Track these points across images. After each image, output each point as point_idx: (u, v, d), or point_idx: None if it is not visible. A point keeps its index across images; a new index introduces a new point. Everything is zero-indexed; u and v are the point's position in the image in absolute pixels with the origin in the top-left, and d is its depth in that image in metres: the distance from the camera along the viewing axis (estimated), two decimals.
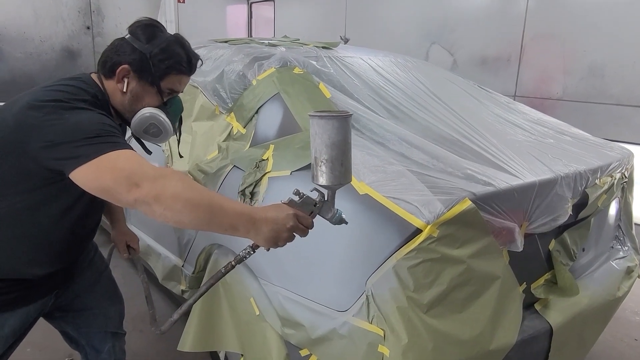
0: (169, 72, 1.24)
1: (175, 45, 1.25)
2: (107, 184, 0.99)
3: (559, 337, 1.43)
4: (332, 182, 1.06)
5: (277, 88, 1.71)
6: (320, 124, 1.04)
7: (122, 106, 1.24)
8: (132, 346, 2.25)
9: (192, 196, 0.99)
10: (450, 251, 1.18)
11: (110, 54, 1.22)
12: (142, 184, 0.97)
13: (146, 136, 1.29)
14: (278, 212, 1.05)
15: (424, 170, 1.31)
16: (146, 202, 0.97)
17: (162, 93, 1.25)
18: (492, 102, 2.11)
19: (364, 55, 2.10)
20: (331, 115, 1.04)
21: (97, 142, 1.02)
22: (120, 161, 1.01)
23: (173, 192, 0.97)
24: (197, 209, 0.99)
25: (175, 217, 0.99)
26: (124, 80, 1.21)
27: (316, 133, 1.05)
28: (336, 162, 1.04)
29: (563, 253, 1.55)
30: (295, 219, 1.05)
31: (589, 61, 3.58)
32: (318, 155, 1.05)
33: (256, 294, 1.55)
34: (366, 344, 1.19)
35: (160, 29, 1.26)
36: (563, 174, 1.44)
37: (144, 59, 1.20)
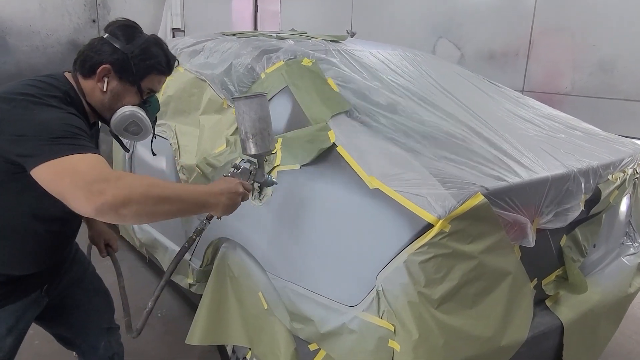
0: (149, 72, 1.26)
1: (155, 47, 1.27)
2: (64, 189, 0.97)
3: (571, 333, 1.42)
4: (262, 150, 1.31)
5: (285, 81, 1.70)
6: (246, 104, 1.27)
7: (101, 104, 1.25)
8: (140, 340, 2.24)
9: (160, 190, 1.03)
10: (462, 246, 1.17)
11: (89, 53, 1.22)
12: (104, 191, 0.95)
13: (126, 134, 1.30)
14: (227, 183, 1.21)
15: (436, 164, 1.30)
16: (113, 209, 0.96)
17: (141, 92, 1.28)
18: (503, 97, 2.09)
19: (372, 48, 2.09)
20: (253, 95, 1.28)
21: (61, 142, 1.01)
22: (81, 165, 0.99)
23: (141, 191, 0.99)
24: (168, 200, 1.04)
25: (149, 215, 1.02)
26: (104, 79, 1.22)
27: (244, 112, 1.28)
28: (264, 134, 1.29)
29: (574, 249, 1.54)
30: (241, 185, 1.23)
31: (598, 56, 3.54)
32: (247, 130, 1.28)
33: (264, 288, 1.55)
34: (376, 339, 1.19)
35: (138, 29, 1.28)
36: (576, 169, 1.42)
37: (125, 59, 1.22)
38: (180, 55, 2.31)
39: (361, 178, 1.30)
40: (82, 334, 1.56)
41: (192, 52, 2.26)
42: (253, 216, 1.54)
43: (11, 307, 1.24)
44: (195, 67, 2.16)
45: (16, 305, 1.26)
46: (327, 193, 1.37)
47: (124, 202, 0.96)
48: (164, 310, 2.53)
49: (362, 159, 1.34)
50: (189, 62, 2.22)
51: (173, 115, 2.18)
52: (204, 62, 2.14)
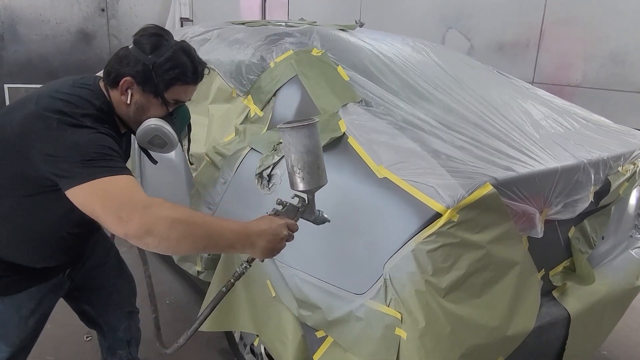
0: (174, 83, 1.22)
1: (180, 55, 1.22)
2: (97, 212, 1.00)
3: (577, 324, 1.42)
4: (311, 186, 1.13)
5: (295, 70, 1.70)
6: (292, 134, 1.09)
7: (127, 117, 1.24)
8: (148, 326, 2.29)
9: (188, 224, 1.00)
10: (470, 236, 1.17)
11: (114, 65, 1.20)
12: (131, 217, 0.96)
13: (151, 147, 1.28)
14: (270, 224, 1.10)
15: (444, 154, 1.30)
16: (137, 237, 0.97)
17: (167, 104, 1.24)
18: (513, 88, 2.07)
19: (382, 38, 2.08)
20: (301, 124, 1.09)
21: (93, 165, 1.02)
22: (111, 188, 1.01)
23: (166, 223, 0.97)
24: (195, 235, 1.01)
25: (171, 247, 1.01)
26: (128, 92, 1.19)
27: (289, 143, 1.10)
28: (313, 167, 1.11)
29: (582, 241, 1.53)
30: (286, 228, 1.12)
31: (610, 47, 3.49)
32: (294, 163, 1.11)
33: (272, 276, 1.56)
34: (383, 327, 1.20)
35: (165, 37, 1.22)
36: (586, 160, 1.42)
37: (146, 70, 1.18)
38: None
39: (370, 167, 1.30)
40: (104, 314, 1.59)
41: (201, 40, 2.26)
42: (262, 204, 1.55)
43: (32, 289, 1.27)
44: (204, 56, 2.16)
45: (37, 288, 1.28)
46: (336, 182, 1.37)
47: (147, 231, 0.96)
48: (172, 297, 2.56)
49: (371, 149, 1.34)
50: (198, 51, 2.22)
51: None
52: (213, 51, 2.14)
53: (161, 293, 2.59)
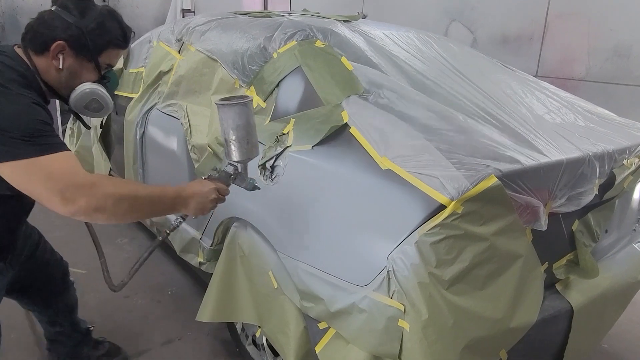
0: (106, 47, 1.23)
1: (110, 20, 1.23)
2: (39, 192, 1.01)
3: (580, 317, 1.42)
4: (242, 157, 1.28)
5: (298, 61, 1.68)
6: (225, 111, 1.23)
7: (57, 83, 1.21)
8: (150, 317, 2.30)
9: (132, 198, 1.09)
10: (474, 228, 1.17)
11: (40, 29, 1.16)
12: (77, 198, 1.00)
13: (86, 111, 1.28)
14: (201, 187, 1.24)
15: (449, 146, 1.29)
16: (85, 215, 1.03)
17: (99, 68, 1.24)
18: (517, 80, 2.06)
19: (386, 29, 2.06)
20: (233, 102, 1.22)
21: (32, 142, 1.01)
22: (52, 168, 1.01)
23: (113, 200, 1.04)
24: (139, 207, 1.11)
25: (119, 220, 1.09)
26: (59, 56, 1.17)
27: (222, 118, 1.24)
28: (242, 142, 1.26)
29: (586, 234, 1.53)
30: (216, 191, 1.27)
31: (615, 41, 3.47)
32: (227, 136, 1.25)
33: (275, 268, 1.56)
34: (386, 319, 1.19)
35: (91, 1, 1.22)
36: (591, 153, 1.41)
37: (80, 34, 1.16)
38: (192, 34, 2.30)
39: (373, 159, 1.30)
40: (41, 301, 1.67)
41: (203, 31, 2.24)
42: (264, 196, 1.55)
43: None
44: (207, 46, 2.15)
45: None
46: (339, 173, 1.37)
47: (96, 209, 1.03)
48: (174, 288, 2.56)
49: (374, 140, 1.34)
50: (200, 42, 2.21)
51: (184, 95, 2.17)
52: (215, 42, 2.13)
53: (163, 284, 2.60)
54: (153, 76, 2.38)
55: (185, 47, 2.31)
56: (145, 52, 2.63)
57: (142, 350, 2.07)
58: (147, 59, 2.54)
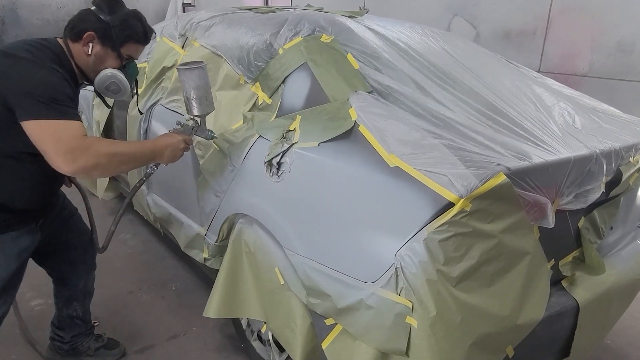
0: (128, 40, 1.48)
1: (134, 19, 1.49)
2: (47, 150, 1.24)
3: (586, 314, 1.43)
4: (202, 112, 1.59)
5: (304, 57, 1.68)
6: (187, 74, 1.54)
7: (86, 66, 1.46)
8: (154, 312, 2.31)
9: (121, 154, 1.37)
10: (482, 225, 1.17)
11: (77, 22, 1.44)
12: (77, 158, 1.24)
13: (107, 92, 1.51)
14: (172, 139, 1.53)
15: (457, 143, 1.29)
16: (84, 172, 1.28)
17: (121, 57, 1.48)
18: (522, 77, 2.06)
19: (391, 25, 2.05)
20: (193, 67, 1.53)
21: (53, 106, 1.25)
22: (64, 132, 1.25)
23: (106, 158, 1.31)
24: (127, 161, 1.41)
25: (111, 173, 1.41)
26: (89, 44, 1.43)
27: (184, 80, 1.54)
28: (202, 99, 1.56)
29: (592, 231, 1.53)
30: (183, 141, 1.56)
31: (618, 36, 3.45)
32: (189, 95, 1.56)
33: (281, 264, 1.56)
34: (394, 315, 1.20)
35: (121, 3, 1.49)
36: (598, 150, 1.41)
37: (107, 27, 1.43)
38: (195, 30, 2.29)
39: (381, 156, 1.30)
40: (68, 268, 1.79)
41: (207, 26, 2.23)
42: (271, 192, 1.55)
43: (12, 233, 1.45)
44: (211, 42, 2.14)
45: (16, 232, 1.46)
46: (346, 170, 1.37)
47: (93, 167, 1.28)
48: (179, 284, 2.57)
49: (382, 137, 1.33)
50: (205, 37, 2.20)
51: None
52: (220, 37, 2.12)
53: (167, 279, 2.61)
54: (156, 72, 2.38)
55: (189, 42, 2.30)
56: (149, 47, 2.61)
57: (147, 346, 2.07)
58: (151, 54, 2.53)
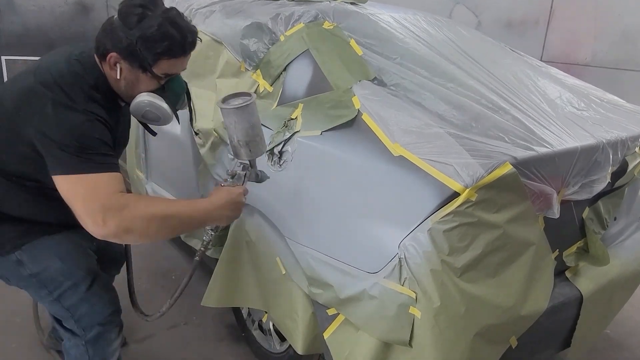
0: (160, 57, 1.18)
1: (166, 27, 1.15)
2: (76, 209, 1.08)
3: (589, 304, 1.42)
4: (254, 157, 1.29)
5: (306, 44, 1.65)
6: (231, 114, 1.19)
7: (119, 91, 1.24)
8: (154, 301, 2.30)
9: (162, 217, 1.11)
10: (488, 216, 1.16)
11: (101, 38, 1.18)
12: (108, 221, 1.04)
13: (146, 120, 1.30)
14: (229, 195, 1.24)
15: (462, 132, 1.27)
16: (116, 237, 1.07)
17: (157, 78, 1.21)
18: (527, 66, 2.03)
19: (394, 12, 2.02)
20: (238, 105, 1.18)
21: (82, 158, 1.08)
22: (94, 188, 1.07)
23: (143, 221, 1.08)
24: (170, 226, 1.13)
25: (150, 239, 1.14)
26: (116, 66, 1.18)
27: (229, 122, 1.21)
28: (257, 139, 1.25)
29: (596, 221, 1.52)
30: (242, 195, 1.27)
31: (622, 25, 3.43)
32: (236, 139, 1.23)
33: (282, 254, 1.55)
34: (397, 306, 1.19)
35: (149, 8, 1.14)
36: (605, 140, 1.39)
37: (131, 46, 1.14)
38: (195, 16, 2.25)
39: (385, 145, 1.28)
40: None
41: (207, 12, 2.19)
42: (272, 182, 1.53)
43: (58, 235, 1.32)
44: (211, 28, 2.10)
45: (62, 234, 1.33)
46: (349, 159, 1.35)
47: (125, 231, 1.07)
48: (178, 273, 2.56)
49: (386, 126, 1.31)
50: (204, 24, 2.16)
51: (188, 78, 2.11)
52: (220, 24, 2.08)
53: (167, 269, 2.60)
54: None
55: None
56: None
57: (148, 335, 2.07)
58: None
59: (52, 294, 1.31)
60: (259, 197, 1.62)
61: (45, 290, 1.31)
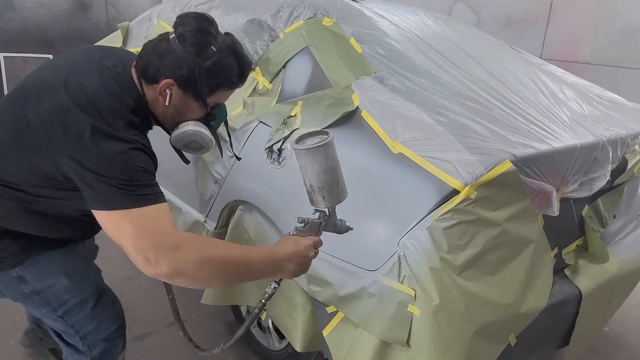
0: (218, 88, 1.15)
1: (228, 57, 1.12)
2: (125, 247, 0.99)
3: (588, 302, 1.42)
4: (332, 204, 1.08)
5: (305, 42, 1.64)
6: (308, 155, 1.03)
7: (163, 116, 1.17)
8: (153, 299, 2.30)
9: (217, 262, 1.00)
10: (487, 213, 1.16)
11: (153, 60, 1.09)
12: (159, 261, 0.95)
13: (186, 149, 1.25)
14: (296, 246, 1.07)
15: (462, 129, 1.27)
16: (167, 278, 0.98)
17: (207, 106, 1.18)
18: (527, 64, 2.03)
19: (393, 8, 2.01)
20: (315, 145, 1.02)
21: (127, 191, 0.99)
22: (140, 224, 0.98)
23: (195, 262, 0.97)
24: (224, 273, 1.02)
25: (203, 284, 1.05)
26: (166, 92, 1.11)
27: (306, 164, 1.04)
28: (332, 186, 1.06)
29: (595, 219, 1.52)
30: (312, 247, 1.10)
31: (622, 23, 3.42)
32: (313, 183, 1.06)
33: None
34: (396, 303, 1.19)
35: (212, 34, 1.10)
36: (605, 138, 1.39)
37: (191, 75, 1.08)
38: None
39: (384, 142, 1.28)
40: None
41: (206, 9, 2.19)
42: (271, 179, 1.53)
43: (62, 249, 1.27)
44: None
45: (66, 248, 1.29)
46: (349, 157, 1.34)
47: (178, 274, 0.97)
48: None
49: (385, 123, 1.31)
50: None
51: None
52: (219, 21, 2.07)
53: None
54: None
55: None
56: (145, 30, 2.57)
57: (147, 332, 2.07)
58: (148, 37, 2.48)
59: (56, 312, 1.25)
60: (258, 194, 1.61)
61: (49, 307, 1.24)
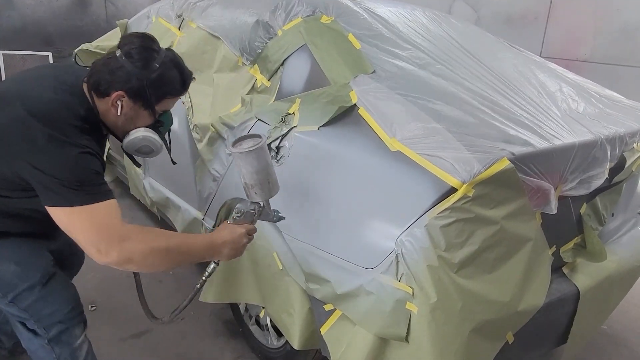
0: (165, 97, 1.28)
1: (171, 69, 1.26)
2: (78, 239, 1.11)
3: (586, 300, 1.42)
4: (263, 198, 1.28)
5: (304, 39, 1.64)
6: (242, 157, 1.21)
7: (114, 125, 1.28)
8: (152, 296, 2.30)
9: (161, 248, 1.15)
10: (485, 211, 1.15)
11: (104, 75, 1.21)
12: (109, 251, 1.09)
13: (137, 154, 1.35)
14: (231, 234, 1.25)
15: (460, 127, 1.27)
16: (117, 265, 1.11)
17: (155, 114, 1.30)
18: (526, 61, 2.02)
19: (392, 6, 2.01)
20: (248, 149, 1.19)
21: (78, 190, 1.10)
22: (92, 219, 1.11)
23: (142, 252, 1.13)
24: (169, 259, 1.17)
25: (150, 269, 1.18)
26: (118, 103, 1.22)
27: (241, 165, 1.22)
28: (264, 183, 1.24)
29: (593, 217, 1.52)
30: (246, 234, 1.28)
31: (622, 21, 3.42)
32: (247, 181, 1.24)
33: (279, 249, 1.55)
34: (394, 301, 1.19)
35: (155, 49, 1.24)
36: (603, 136, 1.39)
37: (140, 86, 1.21)
38: (192, 10, 2.24)
39: (382, 140, 1.27)
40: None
41: (205, 6, 2.18)
42: None
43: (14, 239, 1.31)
44: (208, 23, 2.09)
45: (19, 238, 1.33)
46: (347, 155, 1.34)
47: (127, 261, 1.12)
48: (176, 269, 2.55)
49: (383, 121, 1.31)
50: (202, 18, 2.16)
51: None
52: (217, 18, 2.07)
53: None
54: None
55: (185, 23, 2.26)
56: (144, 28, 2.57)
57: (145, 330, 2.07)
58: None
59: (7, 297, 1.30)
60: None
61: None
